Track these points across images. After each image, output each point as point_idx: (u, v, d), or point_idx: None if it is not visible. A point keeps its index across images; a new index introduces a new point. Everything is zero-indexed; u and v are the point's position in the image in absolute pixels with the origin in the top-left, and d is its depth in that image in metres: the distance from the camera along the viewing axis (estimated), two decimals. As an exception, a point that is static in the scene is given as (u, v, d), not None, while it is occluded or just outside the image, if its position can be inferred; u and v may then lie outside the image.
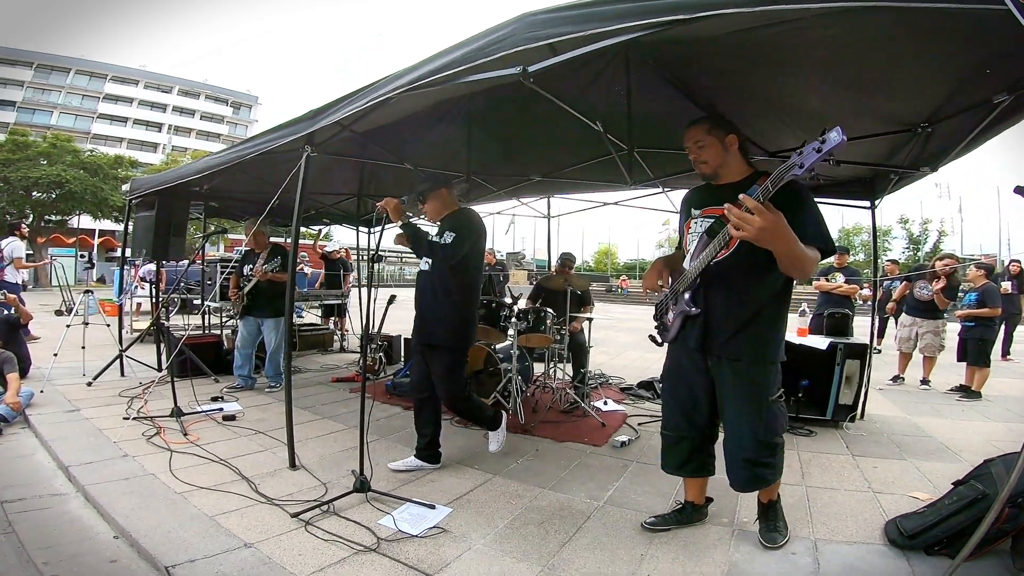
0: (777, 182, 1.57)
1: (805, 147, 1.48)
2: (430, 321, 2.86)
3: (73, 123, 44.29)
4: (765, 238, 1.61)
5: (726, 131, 2.06)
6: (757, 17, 1.57)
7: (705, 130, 2.07)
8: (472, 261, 2.91)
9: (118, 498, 2.38)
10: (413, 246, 2.88)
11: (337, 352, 7.36)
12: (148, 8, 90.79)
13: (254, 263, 4.72)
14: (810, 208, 1.87)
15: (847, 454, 3.29)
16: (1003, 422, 4.32)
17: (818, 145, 1.44)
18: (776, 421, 2.04)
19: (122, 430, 3.30)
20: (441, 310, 2.84)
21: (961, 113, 2.38)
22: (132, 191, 5.25)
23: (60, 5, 72.17)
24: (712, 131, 2.06)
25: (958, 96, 2.26)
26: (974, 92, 2.17)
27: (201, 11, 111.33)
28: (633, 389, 5.13)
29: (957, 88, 2.20)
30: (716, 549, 2.14)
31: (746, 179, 2.01)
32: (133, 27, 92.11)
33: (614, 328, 11.87)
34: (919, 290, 5.59)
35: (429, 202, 3.03)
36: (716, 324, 2.01)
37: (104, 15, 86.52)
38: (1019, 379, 6.46)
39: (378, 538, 2.11)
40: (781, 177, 1.55)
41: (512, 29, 1.89)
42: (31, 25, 64.52)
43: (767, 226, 1.57)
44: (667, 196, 4.99)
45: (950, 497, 2.11)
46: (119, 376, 4.86)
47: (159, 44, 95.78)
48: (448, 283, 2.84)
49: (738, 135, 2.08)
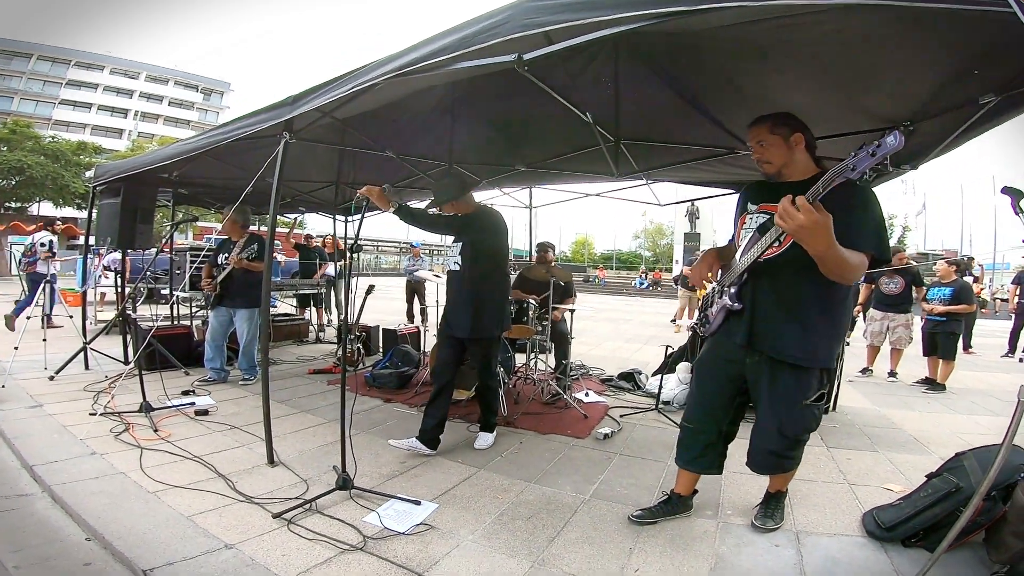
0: (828, 183, 1.55)
1: (860, 151, 1.45)
2: (471, 318, 3.05)
3: (34, 109, 42.71)
4: (803, 236, 1.59)
5: (791, 129, 1.99)
6: (756, 11, 1.55)
7: (768, 129, 2.01)
8: (495, 255, 3.18)
9: (87, 498, 2.27)
10: (414, 223, 3.09)
11: (313, 343, 7.21)
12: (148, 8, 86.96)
13: (230, 252, 4.56)
14: (872, 211, 1.83)
15: (822, 446, 3.39)
16: (968, 415, 4.50)
17: (873, 149, 1.40)
18: (807, 421, 2.04)
19: (89, 426, 3.15)
20: (478, 306, 3.06)
21: (945, 113, 2.42)
22: (97, 177, 5.00)
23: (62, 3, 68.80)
24: (776, 129, 1.99)
25: (943, 95, 2.28)
26: (960, 92, 2.20)
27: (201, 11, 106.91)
28: (614, 380, 5.16)
29: (943, 88, 2.22)
30: (702, 542, 2.16)
31: (811, 178, 1.91)
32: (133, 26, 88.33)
33: (592, 318, 11.97)
34: (887, 285, 5.77)
35: (454, 206, 3.18)
36: (763, 322, 1.98)
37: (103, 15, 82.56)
38: (982, 371, 6.74)
39: (364, 536, 2.07)
40: (832, 180, 1.53)
41: (508, 15, 1.83)
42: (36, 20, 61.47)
43: (807, 224, 1.55)
44: (650, 188, 5.02)
45: (925, 490, 2.18)
46: (83, 369, 4.64)
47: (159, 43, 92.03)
48: (478, 279, 3.07)
49: (805, 133, 2.01)
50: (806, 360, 1.95)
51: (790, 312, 1.93)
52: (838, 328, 2.02)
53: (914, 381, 5.65)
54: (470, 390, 4.16)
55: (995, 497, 1.87)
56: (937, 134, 2.69)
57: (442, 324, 3.29)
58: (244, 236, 4.63)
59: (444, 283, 3.42)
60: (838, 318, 1.99)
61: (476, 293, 3.06)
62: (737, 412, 2.22)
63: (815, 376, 2.00)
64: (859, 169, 1.46)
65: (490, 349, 3.25)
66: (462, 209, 3.18)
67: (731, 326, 2.09)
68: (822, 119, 2.83)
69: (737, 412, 2.22)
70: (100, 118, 46.81)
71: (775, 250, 1.90)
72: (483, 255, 3.10)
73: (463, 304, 3.09)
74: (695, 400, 2.30)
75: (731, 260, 2.14)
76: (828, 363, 2.01)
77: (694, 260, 14.97)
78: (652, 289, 28.22)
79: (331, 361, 5.71)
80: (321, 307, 8.03)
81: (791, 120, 2.01)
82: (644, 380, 5.01)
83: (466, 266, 3.08)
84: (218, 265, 4.62)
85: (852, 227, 1.69)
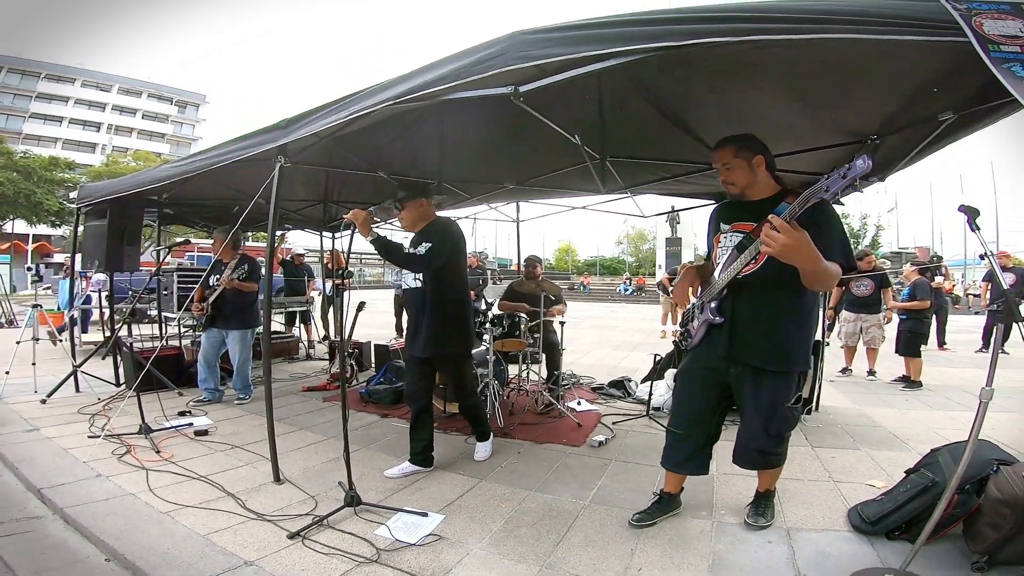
0: (804, 204, 1.68)
1: (832, 173, 1.57)
2: (432, 335, 2.93)
3: (5, 123, 41.91)
4: (789, 255, 1.72)
5: (753, 152, 2.13)
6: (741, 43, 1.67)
7: (732, 152, 2.14)
8: (455, 269, 3.01)
9: (102, 520, 2.30)
10: (387, 257, 2.90)
11: (304, 360, 7.21)
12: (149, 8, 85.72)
13: (221, 274, 4.59)
14: (835, 226, 1.99)
15: (807, 445, 3.54)
16: (944, 411, 4.72)
17: (844, 171, 1.53)
18: (788, 420, 2.22)
19: (90, 449, 3.15)
20: (440, 322, 2.93)
21: (908, 128, 2.59)
22: (82, 198, 4.97)
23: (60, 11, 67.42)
24: (739, 153, 2.13)
25: (906, 112, 2.44)
26: (922, 109, 2.36)
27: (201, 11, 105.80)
28: (604, 388, 5.27)
29: (906, 105, 2.38)
30: (699, 541, 2.28)
31: (775, 196, 2.09)
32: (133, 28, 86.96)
33: (579, 327, 12.10)
34: (857, 288, 6.03)
35: (406, 211, 3.02)
36: (743, 334, 2.12)
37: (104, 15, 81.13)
38: (957, 368, 7.00)
39: (378, 549, 2.14)
40: (808, 199, 1.67)
41: (504, 47, 1.92)
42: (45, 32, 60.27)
43: (791, 243, 1.68)
44: (634, 201, 5.18)
45: (904, 485, 2.33)
46: (74, 392, 4.61)
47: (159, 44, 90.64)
48: (440, 295, 2.93)
49: (765, 155, 2.15)
50: (786, 366, 2.14)
51: (768, 324, 2.10)
52: (810, 333, 2.24)
53: (892, 379, 5.89)
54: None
55: (969, 491, 2.02)
56: (901, 148, 2.87)
57: (406, 346, 3.15)
58: (236, 257, 4.66)
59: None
60: (810, 325, 2.22)
61: (441, 310, 2.93)
62: (721, 416, 2.37)
63: (794, 379, 2.19)
64: (832, 190, 1.61)
65: (460, 367, 3.13)
66: (420, 218, 3.04)
67: (713, 338, 2.23)
68: (795, 135, 3.02)
69: (721, 416, 2.37)
70: (72, 132, 46.00)
71: (752, 267, 2.06)
72: (445, 270, 2.94)
73: (427, 322, 2.93)
74: (681, 407, 2.43)
75: (709, 277, 2.29)
76: (804, 366, 2.21)
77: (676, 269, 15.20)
78: (637, 295, 28.57)
79: (324, 378, 5.73)
80: (309, 324, 8.03)
81: (753, 143, 2.16)
82: (634, 387, 5.14)
83: (428, 282, 2.93)
84: (211, 287, 4.63)
85: (822, 241, 1.83)
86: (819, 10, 1.45)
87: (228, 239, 4.21)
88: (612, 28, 1.76)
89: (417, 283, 2.96)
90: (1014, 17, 1.25)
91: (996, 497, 1.93)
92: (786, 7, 1.49)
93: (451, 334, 3.00)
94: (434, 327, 2.94)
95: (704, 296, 2.28)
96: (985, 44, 1.23)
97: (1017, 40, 1.23)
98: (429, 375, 3.15)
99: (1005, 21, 1.25)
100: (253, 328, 4.87)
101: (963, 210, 1.73)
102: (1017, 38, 1.23)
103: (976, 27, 1.23)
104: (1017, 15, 1.26)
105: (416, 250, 2.85)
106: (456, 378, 3.17)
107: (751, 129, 2.92)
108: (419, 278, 2.94)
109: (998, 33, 1.23)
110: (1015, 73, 1.21)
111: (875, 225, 35.06)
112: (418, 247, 2.87)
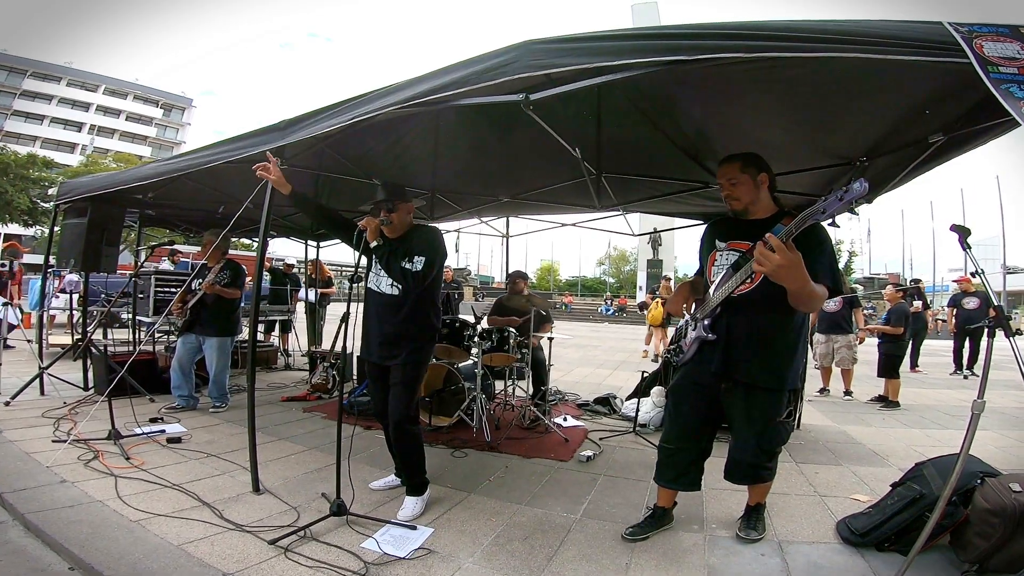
0: (800, 225, 1.70)
1: (830, 195, 1.59)
2: (398, 344, 2.68)
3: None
4: (781, 275, 1.74)
5: (758, 169, 2.16)
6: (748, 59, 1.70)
7: (739, 168, 2.17)
8: (438, 282, 2.87)
9: (66, 527, 2.16)
10: (385, 268, 2.71)
11: (282, 370, 7.02)
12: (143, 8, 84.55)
13: (203, 277, 4.46)
14: (826, 250, 2.03)
15: (792, 461, 3.57)
16: (920, 428, 4.84)
17: (841, 194, 1.55)
18: (779, 435, 2.26)
19: (55, 454, 2.98)
20: (411, 332, 2.70)
21: (899, 150, 2.67)
22: (61, 195, 4.81)
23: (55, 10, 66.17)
24: (745, 169, 2.16)
25: (898, 134, 2.53)
26: (912, 131, 2.45)
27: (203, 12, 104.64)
28: (590, 405, 5.26)
29: (898, 126, 2.46)
30: (693, 554, 2.26)
31: (772, 217, 2.13)
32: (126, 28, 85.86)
33: (562, 344, 12.09)
34: (827, 305, 6.18)
35: (397, 214, 2.78)
36: (737, 351, 2.14)
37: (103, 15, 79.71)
38: (929, 388, 7.25)
39: (365, 562, 2.05)
40: (804, 221, 1.68)
41: (515, 55, 1.93)
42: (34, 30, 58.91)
43: (785, 264, 1.70)
44: (625, 219, 5.25)
45: (891, 498, 2.36)
46: (39, 395, 4.39)
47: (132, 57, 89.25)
48: (419, 306, 2.72)
49: (769, 173, 2.18)
50: (777, 384, 2.17)
51: (761, 342, 2.13)
52: (802, 353, 2.28)
53: (869, 399, 6.03)
54: (451, 417, 4.18)
55: (955, 502, 2.06)
56: (890, 170, 2.95)
57: (364, 354, 2.85)
58: (221, 262, 4.54)
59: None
60: (801, 344, 2.26)
61: (413, 318, 2.70)
62: (712, 431, 2.38)
63: (784, 396, 2.23)
64: (828, 212, 1.62)
65: (412, 375, 2.67)
66: (407, 223, 2.84)
67: (705, 355, 2.25)
68: (788, 155, 3.10)
69: (712, 431, 2.38)
70: (52, 131, 45.17)
71: (748, 286, 2.08)
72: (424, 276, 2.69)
73: (396, 328, 2.68)
74: (672, 423, 2.43)
75: (703, 294, 2.32)
76: (794, 384, 2.25)
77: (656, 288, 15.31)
78: (618, 315, 28.78)
79: (304, 388, 5.58)
80: (288, 333, 7.86)
81: (758, 161, 2.21)
82: (619, 404, 5.13)
83: (410, 292, 2.68)
84: (192, 291, 4.49)
85: (812, 263, 1.86)
86: (827, 30, 1.50)
87: (219, 241, 4.08)
88: (625, 41, 1.79)
89: (394, 290, 2.70)
90: (1012, 40, 1.32)
91: (984, 507, 1.96)
92: (794, 26, 1.54)
93: (414, 345, 2.70)
94: (399, 338, 2.68)
95: (698, 313, 2.30)
96: (985, 65, 1.29)
97: (1015, 62, 1.29)
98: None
99: (1004, 43, 1.31)
100: (233, 336, 4.72)
101: (955, 229, 1.80)
102: (1015, 60, 1.30)
103: (976, 48, 1.29)
104: (1016, 37, 1.33)
105: (412, 266, 2.64)
106: (399, 390, 2.65)
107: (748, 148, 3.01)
108: (397, 285, 2.70)
109: (997, 55, 1.30)
110: (1012, 93, 1.26)
111: (848, 251, 36.29)
112: (412, 260, 2.66)
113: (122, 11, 79.47)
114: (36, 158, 23.16)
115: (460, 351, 4.42)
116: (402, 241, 2.74)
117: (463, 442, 3.81)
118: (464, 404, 4.18)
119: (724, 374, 2.19)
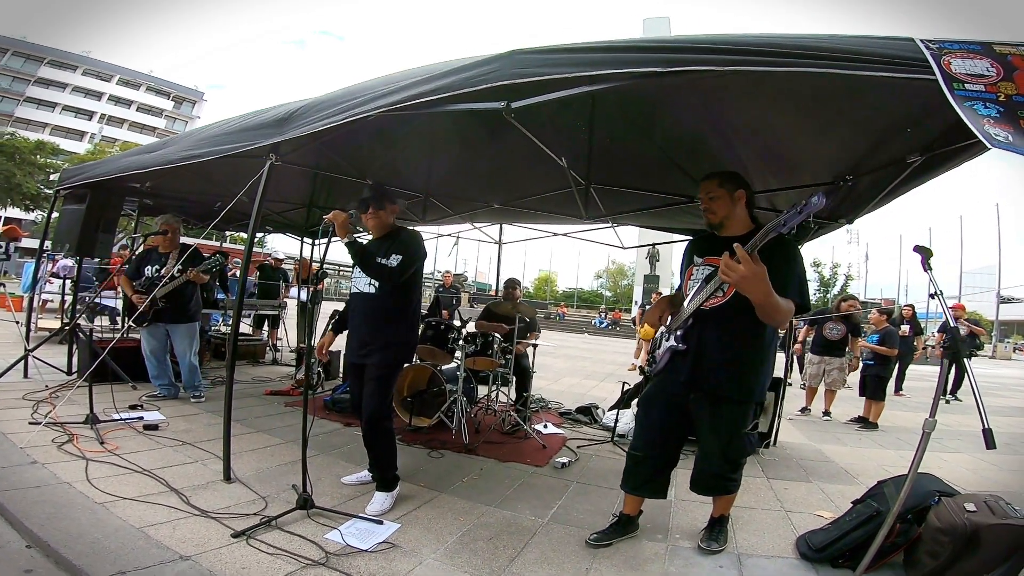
0: (764, 237, 1.77)
1: (791, 209, 1.67)
2: (373, 342, 2.73)
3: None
4: (745, 285, 1.80)
5: (736, 186, 2.24)
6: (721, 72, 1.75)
7: (717, 183, 2.25)
8: (416, 284, 2.90)
9: (29, 506, 2.16)
10: (360, 263, 2.74)
11: (269, 364, 7.02)
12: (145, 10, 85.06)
13: (159, 263, 4.37)
14: (793, 265, 2.10)
15: (763, 476, 3.60)
16: (894, 449, 4.87)
17: (800, 207, 1.63)
18: (744, 447, 2.31)
19: (29, 436, 2.99)
20: (389, 333, 2.74)
21: (878, 170, 2.73)
22: (62, 180, 4.85)
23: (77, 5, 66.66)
24: (723, 184, 2.24)
25: (877, 154, 2.58)
26: (891, 151, 2.50)
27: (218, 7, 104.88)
28: (572, 414, 5.27)
29: (877, 146, 2.51)
30: (653, 563, 2.28)
31: (748, 233, 2.16)
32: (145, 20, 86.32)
33: (552, 354, 12.11)
34: (829, 331, 6.23)
35: (382, 213, 2.86)
36: (706, 362, 2.20)
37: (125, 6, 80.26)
38: (910, 411, 7.25)
39: (326, 552, 2.07)
40: (767, 234, 1.76)
41: (499, 64, 1.99)
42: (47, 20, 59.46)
43: (748, 275, 1.76)
44: (615, 231, 5.31)
45: (850, 515, 2.39)
46: (22, 377, 4.39)
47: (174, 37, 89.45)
48: (396, 307, 2.77)
49: (747, 191, 2.26)
50: (743, 396, 2.22)
51: (730, 354, 2.18)
52: (769, 367, 2.34)
53: (848, 419, 6.06)
54: (431, 418, 4.19)
55: (911, 520, 2.09)
56: (871, 191, 3.02)
57: (347, 352, 2.91)
58: (178, 247, 4.47)
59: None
60: (769, 358, 2.31)
61: (391, 319, 2.75)
62: (680, 441, 2.42)
63: (751, 408, 2.29)
64: (788, 224, 1.70)
65: (386, 374, 2.71)
66: (388, 224, 2.90)
67: (676, 365, 2.30)
68: (777, 172, 3.16)
69: (680, 441, 2.42)
70: (63, 119, 45.67)
71: (719, 299, 2.15)
72: (407, 282, 2.78)
73: (373, 327, 2.75)
74: (641, 430, 2.47)
75: (680, 307, 2.37)
76: (760, 397, 2.31)
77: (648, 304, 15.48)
78: (612, 329, 28.79)
79: (288, 383, 5.59)
80: (277, 328, 7.86)
81: (737, 178, 2.30)
82: (601, 414, 5.15)
83: (387, 291, 2.74)
84: (148, 277, 4.34)
85: (780, 278, 1.92)
86: (801, 45, 1.53)
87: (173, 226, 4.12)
88: (607, 53, 1.83)
89: (371, 288, 2.76)
90: (983, 56, 1.34)
91: (935, 526, 2.00)
92: (763, 41, 1.59)
93: (392, 346, 2.75)
94: (378, 338, 2.73)
95: (671, 325, 2.36)
96: (950, 82, 1.30)
97: (982, 79, 1.31)
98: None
99: (974, 60, 1.33)
100: (198, 321, 4.73)
101: (918, 250, 1.85)
102: (982, 77, 1.31)
103: (944, 66, 1.31)
104: (986, 55, 1.34)
105: (388, 261, 2.69)
106: (372, 389, 2.69)
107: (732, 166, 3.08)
108: (373, 283, 2.75)
109: (965, 72, 1.31)
110: (976, 111, 1.27)
111: (844, 275, 36.36)
112: (388, 258, 2.70)
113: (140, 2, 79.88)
114: (44, 145, 23.27)
115: (443, 353, 4.45)
116: (382, 241, 2.84)
117: (441, 443, 3.82)
118: (445, 406, 4.20)
119: (693, 384, 2.24)
